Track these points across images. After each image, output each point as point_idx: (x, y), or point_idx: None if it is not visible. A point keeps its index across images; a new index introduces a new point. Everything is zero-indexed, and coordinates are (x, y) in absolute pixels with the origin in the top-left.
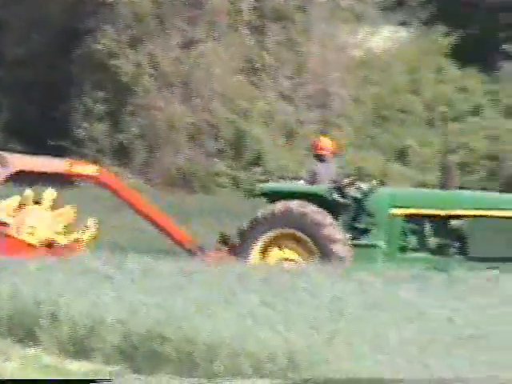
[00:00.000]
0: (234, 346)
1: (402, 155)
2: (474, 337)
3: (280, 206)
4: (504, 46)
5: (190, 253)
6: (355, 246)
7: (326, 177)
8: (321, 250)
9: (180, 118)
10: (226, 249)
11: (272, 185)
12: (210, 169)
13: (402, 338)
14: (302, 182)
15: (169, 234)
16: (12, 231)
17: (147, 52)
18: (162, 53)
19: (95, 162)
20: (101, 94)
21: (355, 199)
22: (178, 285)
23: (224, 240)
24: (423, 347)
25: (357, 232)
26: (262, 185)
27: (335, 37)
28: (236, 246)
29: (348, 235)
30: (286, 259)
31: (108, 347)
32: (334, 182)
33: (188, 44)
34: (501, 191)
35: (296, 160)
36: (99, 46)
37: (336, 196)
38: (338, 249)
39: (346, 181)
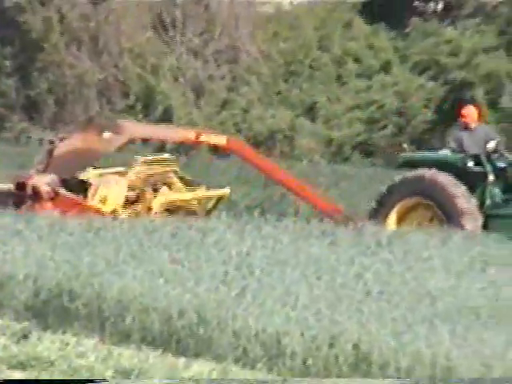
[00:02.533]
0: (144, 302)
1: (310, 111)
2: (383, 293)
3: (412, 174)
4: (414, 3)
5: (336, 221)
6: (496, 216)
7: (472, 145)
8: (449, 220)
9: (89, 74)
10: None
11: (411, 154)
12: None
13: (311, 295)
14: (446, 150)
15: (309, 201)
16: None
17: (56, 8)
18: (71, 9)
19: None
20: (10, 49)
21: (497, 168)
22: (87, 241)
23: None
24: (332, 303)
25: (497, 202)
26: (402, 154)
27: None
28: (373, 212)
29: (488, 204)
30: (420, 226)
31: (17, 303)
32: (479, 150)
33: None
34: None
35: (205, 115)
36: (7, 2)
37: (470, 165)
38: (466, 221)
39: (490, 149)
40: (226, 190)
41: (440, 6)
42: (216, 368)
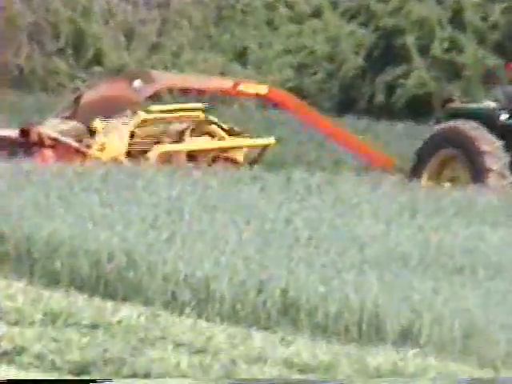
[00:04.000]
0: (74, 245)
1: (241, 56)
2: (312, 238)
3: (447, 125)
4: None
5: (387, 172)
6: None
7: None
8: (474, 176)
9: (20, 17)
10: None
11: (455, 105)
12: (49, 67)
13: (240, 240)
14: (489, 103)
15: (361, 154)
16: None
17: None
18: None
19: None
20: None
21: None
22: (17, 184)
23: None
24: (261, 249)
25: None
26: (447, 105)
27: None
28: (414, 165)
29: None
30: (455, 181)
31: None
32: None
33: None
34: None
35: (136, 59)
36: None
37: (503, 118)
38: (491, 179)
39: None
40: (271, 140)
41: None
42: (144, 312)
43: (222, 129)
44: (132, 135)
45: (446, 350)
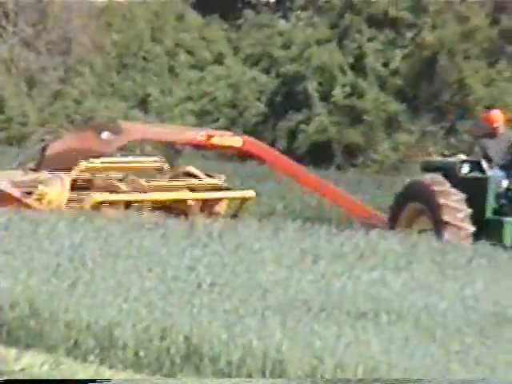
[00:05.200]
0: None
1: (143, 103)
2: (214, 285)
3: (414, 179)
4: None
5: (372, 225)
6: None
7: (497, 152)
8: (434, 227)
9: None
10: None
11: (427, 159)
12: None
13: (143, 287)
14: (461, 156)
15: (345, 207)
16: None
17: None
18: None
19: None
20: None
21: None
22: None
23: None
24: (164, 295)
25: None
26: (421, 159)
27: None
28: (390, 216)
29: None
30: (423, 231)
31: None
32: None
33: None
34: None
35: (38, 107)
36: None
37: (465, 171)
38: (447, 231)
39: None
40: (250, 193)
41: None
42: (47, 360)
43: (199, 179)
44: (75, 184)
45: None
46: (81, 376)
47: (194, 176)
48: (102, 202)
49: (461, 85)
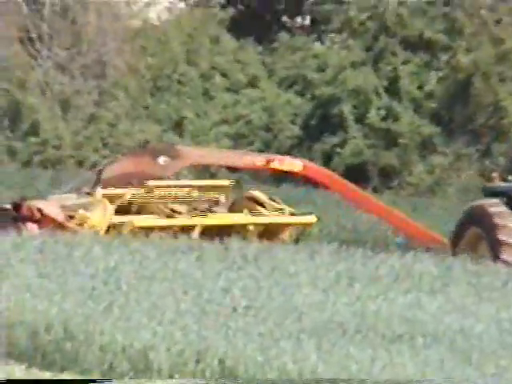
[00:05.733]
0: (11, 317)
1: (178, 126)
2: (250, 308)
3: (474, 203)
4: (282, 18)
5: (437, 250)
6: None
7: None
8: (492, 252)
9: None
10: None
11: (493, 184)
12: None
13: (178, 309)
14: None
15: (406, 230)
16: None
17: None
18: None
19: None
20: None
21: None
22: None
23: None
24: (199, 318)
25: None
26: (484, 184)
27: (112, 6)
28: (453, 241)
29: None
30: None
31: None
32: None
33: None
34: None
35: (72, 130)
36: None
37: None
38: (506, 255)
39: None
40: (311, 218)
41: (307, 20)
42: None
43: (263, 205)
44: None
45: None
46: None
47: (257, 202)
48: (141, 227)
49: (496, 107)
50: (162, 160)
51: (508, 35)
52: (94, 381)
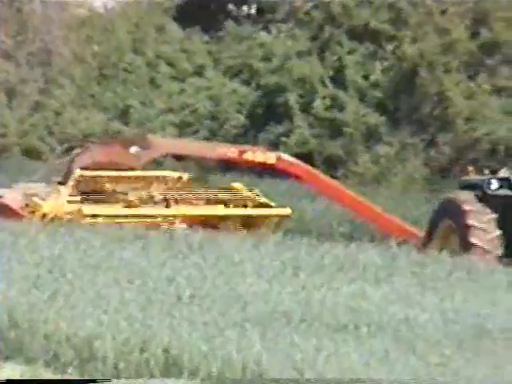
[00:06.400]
0: None
1: (124, 114)
2: (194, 297)
3: (445, 197)
4: (228, 7)
5: (414, 245)
6: None
7: None
8: (462, 249)
9: None
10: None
11: (467, 178)
12: None
13: (123, 298)
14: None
15: (378, 222)
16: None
17: None
18: None
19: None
20: None
21: None
22: None
23: None
24: (144, 307)
25: None
26: (460, 179)
27: None
28: (427, 234)
29: None
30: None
31: None
32: None
33: None
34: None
35: (18, 118)
36: None
37: (494, 187)
38: (475, 252)
39: None
40: (286, 210)
41: (253, 10)
42: (26, 372)
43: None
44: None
45: None
46: None
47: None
48: (92, 216)
49: (441, 97)
50: (133, 150)
51: (453, 25)
52: (94, 381)
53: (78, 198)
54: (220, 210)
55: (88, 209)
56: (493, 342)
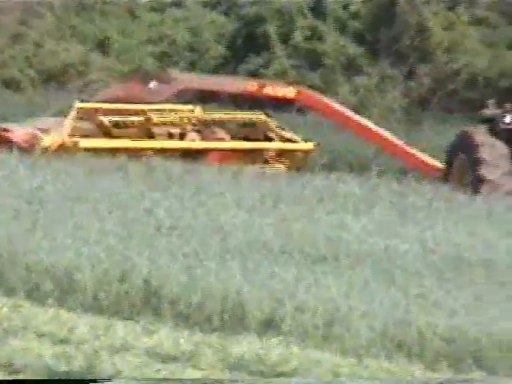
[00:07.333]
0: None
1: (103, 45)
2: (174, 228)
3: (461, 131)
4: None
5: (429, 176)
6: None
7: None
8: (473, 181)
9: None
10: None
11: (485, 111)
12: None
13: (102, 229)
14: None
15: (405, 158)
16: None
17: None
18: None
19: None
20: None
21: None
22: None
23: None
24: (123, 238)
25: None
26: (481, 111)
27: None
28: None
29: None
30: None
31: None
32: None
33: None
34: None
35: None
36: None
37: (508, 120)
38: (486, 186)
39: None
40: (309, 145)
41: None
42: (7, 303)
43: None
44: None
45: (309, 338)
46: (40, 318)
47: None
48: (86, 149)
49: (420, 28)
50: (152, 85)
51: None
52: (94, 381)
53: (81, 131)
54: (246, 144)
55: (86, 142)
56: (472, 273)
